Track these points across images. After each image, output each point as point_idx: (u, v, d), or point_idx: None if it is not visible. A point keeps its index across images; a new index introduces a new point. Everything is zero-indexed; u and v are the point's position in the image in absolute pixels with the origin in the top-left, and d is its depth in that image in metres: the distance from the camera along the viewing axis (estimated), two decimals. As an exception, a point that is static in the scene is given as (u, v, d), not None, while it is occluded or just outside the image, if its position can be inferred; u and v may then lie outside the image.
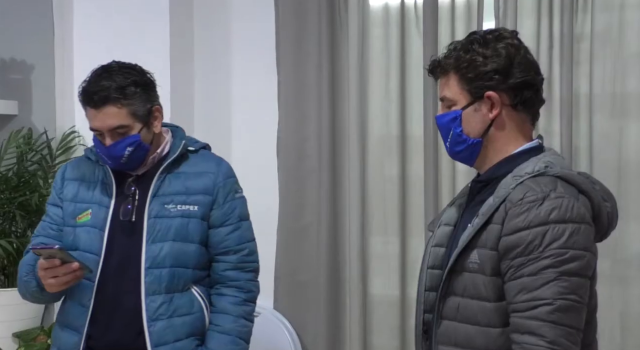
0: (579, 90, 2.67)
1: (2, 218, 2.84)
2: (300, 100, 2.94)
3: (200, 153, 1.95)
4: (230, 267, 1.90)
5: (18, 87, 3.03)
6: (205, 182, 1.88)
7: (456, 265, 1.39)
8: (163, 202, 1.85)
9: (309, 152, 2.94)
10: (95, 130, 1.83)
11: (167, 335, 1.82)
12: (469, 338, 1.37)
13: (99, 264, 1.84)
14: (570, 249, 1.26)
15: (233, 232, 1.90)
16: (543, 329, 1.25)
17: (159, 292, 1.82)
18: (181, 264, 1.85)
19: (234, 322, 1.88)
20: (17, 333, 2.76)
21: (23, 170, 2.89)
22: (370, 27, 2.91)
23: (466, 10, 2.78)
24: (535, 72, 1.42)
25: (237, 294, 1.90)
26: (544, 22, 2.67)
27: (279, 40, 2.95)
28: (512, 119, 1.40)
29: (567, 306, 1.26)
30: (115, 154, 1.82)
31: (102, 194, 1.89)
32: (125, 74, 1.82)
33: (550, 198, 1.28)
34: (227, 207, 1.90)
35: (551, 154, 1.42)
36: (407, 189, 2.89)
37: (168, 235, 1.84)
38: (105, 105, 1.78)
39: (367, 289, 2.95)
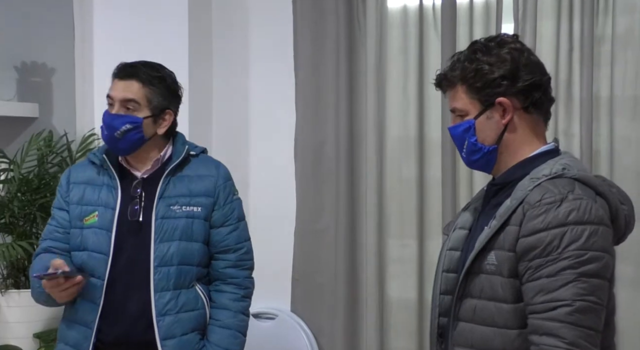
0: (599, 93, 2.65)
1: (23, 220, 2.86)
2: (318, 102, 2.94)
3: (200, 157, 2.05)
4: (230, 265, 2.02)
5: (39, 90, 3.06)
6: (207, 184, 1.99)
7: (473, 267, 1.39)
8: (169, 204, 1.95)
9: (327, 154, 2.94)
10: (109, 97, 1.95)
11: (175, 329, 1.92)
12: (486, 340, 1.37)
13: (107, 263, 1.93)
14: (589, 250, 1.26)
15: (232, 232, 2.02)
16: (562, 330, 1.25)
17: (167, 289, 1.92)
18: (187, 262, 1.95)
19: (234, 317, 2.00)
20: (38, 333, 2.78)
21: (44, 172, 2.91)
22: (388, 29, 2.90)
23: (485, 12, 2.77)
24: (542, 73, 1.42)
25: (236, 290, 2.02)
26: (563, 24, 2.65)
27: (297, 43, 2.96)
28: (524, 121, 1.41)
29: (587, 307, 1.25)
30: (114, 125, 1.92)
31: (107, 196, 1.97)
32: (160, 71, 1.99)
33: (568, 199, 1.29)
34: (227, 208, 2.01)
35: (568, 157, 1.42)
36: (425, 192, 2.88)
37: (175, 235, 1.94)
38: (131, 78, 1.93)
39: (384, 291, 2.94)
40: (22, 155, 2.89)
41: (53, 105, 3.06)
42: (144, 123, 1.93)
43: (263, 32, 3.08)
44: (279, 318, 3.02)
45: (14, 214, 2.82)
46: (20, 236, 2.81)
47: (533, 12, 2.66)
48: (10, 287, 2.81)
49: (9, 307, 2.76)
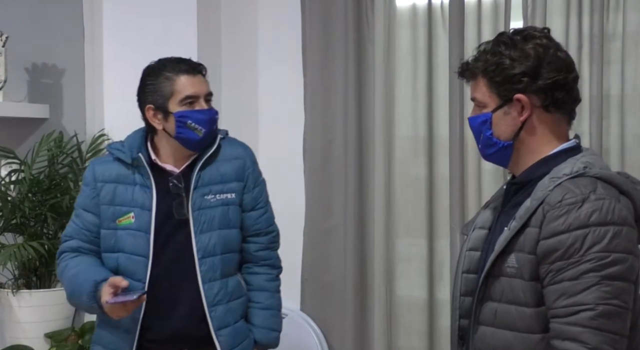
0: (609, 91, 2.63)
1: (34, 220, 2.88)
2: (327, 101, 2.94)
3: (227, 139, 2.04)
4: (262, 248, 2.03)
5: (49, 91, 3.08)
6: (237, 167, 1.98)
7: (493, 270, 1.36)
8: (202, 194, 1.93)
9: (336, 153, 2.93)
10: (192, 97, 1.92)
11: (227, 318, 1.93)
12: (508, 344, 1.34)
13: (147, 265, 1.91)
14: (613, 252, 1.22)
15: (263, 215, 2.03)
16: (585, 335, 1.21)
17: (214, 279, 1.92)
18: (229, 250, 1.97)
19: (272, 297, 2.04)
20: (49, 333, 2.80)
21: (54, 173, 2.93)
22: (396, 27, 2.90)
23: (493, 9, 2.75)
24: (568, 70, 1.36)
25: (270, 271, 2.04)
26: (573, 21, 2.64)
27: (306, 42, 2.95)
28: (544, 120, 1.37)
29: (610, 311, 1.22)
30: (216, 118, 1.96)
31: (142, 196, 1.93)
32: None
33: (590, 200, 1.25)
34: (256, 191, 2.02)
35: (589, 154, 1.38)
36: (434, 191, 2.87)
37: (213, 224, 1.93)
38: (201, 74, 1.97)
39: (393, 290, 2.93)
40: (32, 156, 2.91)
41: (63, 106, 3.08)
42: None
43: (271, 32, 3.08)
44: (288, 317, 3.00)
45: (25, 214, 2.83)
46: (31, 237, 2.83)
47: (542, 9, 2.64)
48: (22, 287, 2.83)
49: (20, 307, 2.78)
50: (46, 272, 2.89)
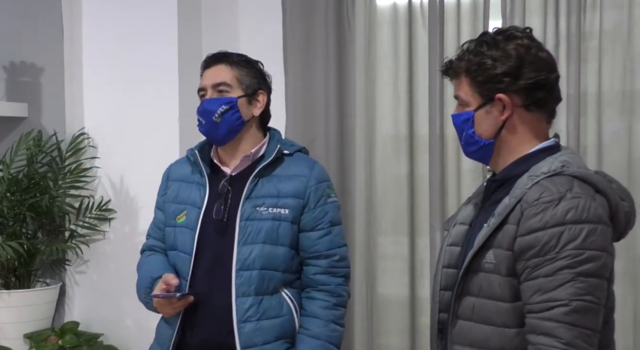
0: (587, 89, 2.66)
1: (13, 220, 2.86)
2: (308, 100, 2.94)
3: (295, 156, 1.95)
4: (321, 272, 1.90)
5: (28, 90, 3.06)
6: (297, 185, 1.89)
7: (472, 265, 1.38)
8: (255, 205, 1.86)
9: (317, 152, 2.93)
10: (201, 90, 1.93)
11: (255, 337, 1.83)
12: (485, 338, 1.36)
13: (190, 263, 1.88)
14: (587, 249, 1.25)
15: (324, 237, 1.90)
16: (559, 330, 1.24)
17: (248, 294, 1.83)
18: (271, 267, 1.86)
19: (324, 326, 1.87)
20: (28, 334, 2.78)
21: (33, 172, 2.91)
22: (377, 26, 2.91)
23: (472, 9, 2.77)
24: (549, 70, 1.39)
25: (328, 298, 1.89)
26: (550, 20, 2.66)
27: (287, 40, 2.96)
28: (525, 120, 1.39)
29: (584, 307, 1.24)
30: (209, 108, 1.88)
31: (196, 194, 1.92)
32: (245, 56, 1.99)
33: (566, 198, 1.27)
34: (318, 211, 1.89)
35: (568, 153, 1.40)
36: (415, 189, 2.88)
37: (258, 237, 1.85)
38: (220, 63, 1.93)
39: (374, 288, 2.94)
40: (11, 155, 2.89)
41: (42, 104, 3.05)
42: (238, 102, 1.90)
43: (252, 31, 3.08)
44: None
45: (4, 214, 2.81)
46: (10, 236, 2.81)
47: (521, 8, 2.67)
48: (1, 288, 2.81)
49: (-1, 307, 2.76)
50: (25, 272, 2.87)
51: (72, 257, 3.01)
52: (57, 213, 2.92)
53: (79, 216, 2.97)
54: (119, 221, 2.97)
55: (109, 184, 2.99)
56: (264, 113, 1.99)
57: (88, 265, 3.03)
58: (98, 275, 3.01)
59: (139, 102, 2.93)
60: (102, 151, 3.00)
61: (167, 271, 1.90)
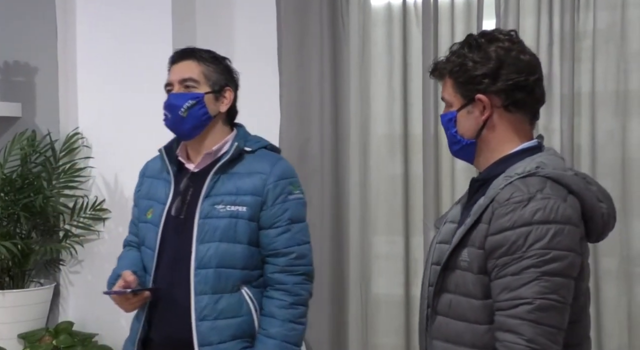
0: (580, 88, 2.67)
1: (7, 220, 2.85)
2: (303, 100, 2.94)
3: (257, 153, 1.94)
4: (278, 270, 1.89)
5: (22, 89, 3.05)
6: (256, 182, 1.88)
7: (450, 263, 1.41)
8: (213, 203, 1.87)
9: (312, 152, 2.94)
10: (168, 85, 1.94)
11: (211, 336, 1.84)
12: (459, 334, 1.39)
13: (154, 259, 1.90)
14: (553, 249, 1.27)
15: (282, 235, 1.88)
16: (522, 327, 1.27)
17: (205, 292, 1.84)
18: (228, 265, 1.86)
19: (281, 325, 1.86)
20: (23, 334, 2.77)
21: (27, 172, 2.91)
22: (371, 26, 2.91)
23: (466, 8, 2.78)
24: (529, 72, 1.40)
25: (285, 297, 1.88)
26: (544, 20, 2.67)
27: (281, 41, 2.96)
28: (505, 120, 1.41)
29: (547, 306, 1.27)
30: (176, 103, 1.89)
31: (162, 191, 1.94)
32: (213, 53, 2.00)
33: (535, 199, 1.30)
34: (277, 208, 1.88)
35: (548, 154, 1.42)
36: (410, 189, 2.89)
37: (215, 235, 1.85)
38: (187, 59, 1.93)
39: (370, 288, 2.95)
40: (5, 154, 2.88)
41: (36, 104, 3.05)
42: (205, 98, 1.90)
43: (247, 31, 3.08)
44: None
45: (-3, 214, 2.80)
46: (3, 236, 2.80)
47: (515, 8, 2.68)
48: (-5, 288, 2.80)
49: (-7, 308, 2.75)
50: (19, 272, 2.86)
51: (66, 257, 3.00)
52: (51, 213, 2.91)
53: (73, 216, 2.97)
54: (113, 221, 2.97)
55: (103, 183, 2.98)
56: (231, 109, 2.00)
57: (82, 265, 3.02)
58: (92, 275, 3.01)
59: (133, 101, 2.93)
60: (97, 151, 2.99)
61: (133, 267, 1.92)
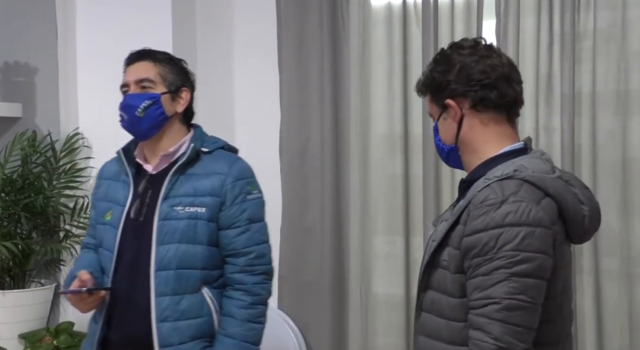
0: (581, 88, 2.67)
1: (8, 220, 2.85)
2: (303, 99, 2.94)
3: (214, 154, 1.95)
4: (237, 270, 1.90)
5: (22, 90, 3.05)
6: (214, 183, 1.89)
7: (433, 261, 1.46)
8: (172, 204, 1.88)
9: (312, 151, 2.94)
10: (124, 85, 1.94)
11: (172, 337, 1.85)
12: (438, 330, 1.44)
13: (112, 260, 1.90)
14: (522, 251, 1.31)
15: (241, 235, 1.90)
16: (490, 326, 1.31)
17: (166, 294, 1.85)
18: (188, 266, 1.87)
19: (239, 325, 1.88)
20: (23, 334, 2.77)
21: (28, 172, 2.91)
22: (372, 26, 2.91)
23: (466, 8, 2.78)
24: (494, 72, 1.44)
25: (244, 297, 1.89)
26: (544, 19, 2.67)
27: (281, 40, 2.96)
28: (477, 120, 1.45)
29: (515, 306, 1.30)
30: (132, 103, 1.89)
31: (121, 193, 1.94)
32: (169, 54, 2.01)
33: (508, 202, 1.33)
34: (235, 208, 1.89)
35: (532, 157, 1.44)
36: (410, 189, 2.89)
37: (175, 237, 1.86)
38: (143, 59, 1.94)
39: (370, 288, 2.95)
40: (5, 155, 2.89)
41: (36, 105, 3.05)
42: (162, 98, 1.91)
43: (247, 31, 3.08)
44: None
45: (-2, 214, 2.81)
46: (4, 237, 2.80)
47: (515, 8, 2.67)
48: (-5, 288, 2.80)
49: (-7, 308, 2.76)
50: (20, 272, 2.86)
51: (66, 257, 3.00)
52: (51, 213, 2.91)
53: (73, 216, 2.96)
54: (113, 221, 2.97)
55: (104, 184, 2.98)
56: (188, 110, 2.00)
57: (83, 265, 3.02)
58: (93, 276, 3.00)
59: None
60: (97, 151, 2.99)
61: (90, 269, 1.92)
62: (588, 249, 2.68)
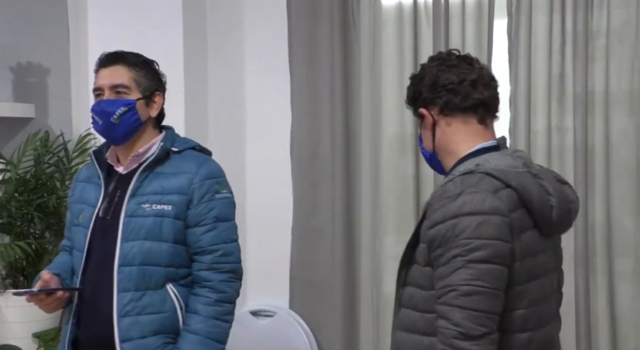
0: (594, 87, 2.65)
1: (21, 220, 2.87)
2: (314, 100, 2.94)
3: (184, 154, 1.96)
4: (204, 268, 1.91)
5: (34, 91, 3.07)
6: (182, 182, 1.90)
7: (410, 258, 1.52)
8: (139, 202, 1.89)
9: (323, 152, 2.94)
10: (97, 89, 1.93)
11: (132, 331, 1.85)
12: (415, 323, 1.49)
13: (82, 260, 1.93)
14: (477, 238, 1.36)
15: (207, 233, 1.90)
16: (451, 313, 1.36)
17: (128, 289, 1.86)
18: (152, 262, 1.88)
19: (203, 322, 1.88)
20: (37, 333, 2.79)
21: (40, 173, 2.92)
22: (382, 26, 2.90)
23: (477, 7, 2.76)
24: (458, 78, 1.52)
25: (210, 294, 1.90)
26: (556, 18, 2.65)
27: (292, 41, 2.96)
28: (449, 124, 1.53)
29: (472, 291, 1.35)
30: (108, 110, 1.89)
31: (93, 194, 1.97)
32: (142, 56, 2.00)
33: (464, 193, 1.40)
34: (202, 207, 1.90)
35: (501, 154, 1.49)
36: (421, 188, 2.88)
37: (140, 234, 1.87)
38: (116, 63, 1.93)
39: (381, 288, 2.94)
40: (18, 155, 2.90)
41: (49, 105, 3.07)
42: (137, 104, 1.91)
43: (258, 31, 3.08)
44: (277, 315, 3.03)
45: (12, 214, 2.83)
46: (18, 236, 2.82)
47: (527, 7, 2.66)
48: (9, 287, 2.82)
49: (7, 307, 2.77)
50: (33, 271, 2.88)
51: (79, 256, 3.02)
52: (64, 213, 2.92)
53: (86, 216, 2.98)
54: (125, 221, 2.98)
55: (116, 184, 3.00)
56: (160, 112, 2.01)
57: (95, 264, 3.04)
58: (105, 275, 3.02)
59: (145, 102, 2.93)
60: (109, 151, 3.00)
61: (59, 270, 1.95)
62: (602, 250, 2.66)
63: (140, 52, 2.90)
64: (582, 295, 2.66)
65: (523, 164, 1.48)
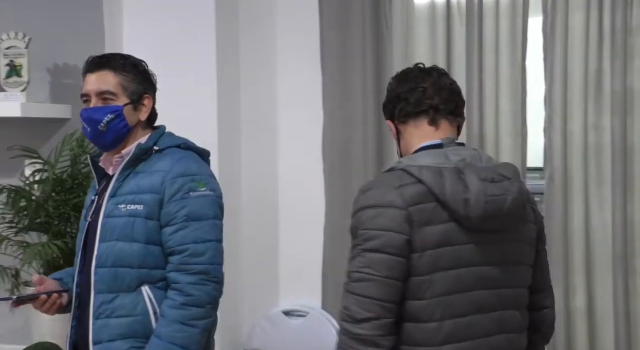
0: (633, 86, 2.59)
1: (58, 219, 2.92)
2: (346, 100, 2.93)
3: (165, 152, 1.93)
4: (173, 269, 1.84)
5: (71, 92, 3.11)
6: (155, 181, 1.86)
7: None
8: (117, 202, 1.88)
9: (355, 152, 2.93)
10: (85, 95, 1.92)
11: (102, 334, 1.85)
12: None
13: (77, 262, 1.96)
14: (372, 229, 1.48)
15: (177, 232, 1.84)
16: (344, 298, 1.49)
17: (102, 291, 1.86)
18: (123, 264, 1.85)
19: (167, 326, 1.81)
20: (73, 331, 2.84)
21: (77, 173, 2.97)
22: (415, 25, 2.88)
23: (512, 5, 2.72)
24: (405, 87, 1.64)
25: (176, 297, 1.82)
26: (593, 16, 2.60)
27: (324, 40, 2.95)
28: (405, 129, 1.66)
29: (360, 278, 1.46)
30: (95, 118, 1.88)
31: (91, 197, 2.00)
32: (130, 58, 1.97)
33: (371, 189, 1.53)
34: (172, 206, 1.84)
35: (436, 152, 1.57)
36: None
37: (114, 235, 1.86)
38: (103, 69, 1.91)
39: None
40: (56, 156, 2.95)
41: (85, 106, 3.11)
42: (124, 111, 1.89)
43: (290, 31, 3.08)
44: (310, 315, 3.03)
45: (49, 213, 2.88)
46: (55, 235, 2.87)
47: (564, 4, 2.61)
48: (47, 286, 2.87)
49: (45, 305, 2.82)
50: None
51: (114, 255, 3.06)
52: (100, 213, 2.97)
53: (121, 216, 3.02)
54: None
55: (150, 184, 3.02)
56: (151, 114, 1.97)
57: (130, 263, 3.07)
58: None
59: (178, 102, 2.94)
60: (143, 152, 3.03)
61: (62, 275, 2.01)
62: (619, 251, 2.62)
63: (174, 53, 2.95)
64: (621, 296, 2.60)
65: (461, 160, 1.53)
